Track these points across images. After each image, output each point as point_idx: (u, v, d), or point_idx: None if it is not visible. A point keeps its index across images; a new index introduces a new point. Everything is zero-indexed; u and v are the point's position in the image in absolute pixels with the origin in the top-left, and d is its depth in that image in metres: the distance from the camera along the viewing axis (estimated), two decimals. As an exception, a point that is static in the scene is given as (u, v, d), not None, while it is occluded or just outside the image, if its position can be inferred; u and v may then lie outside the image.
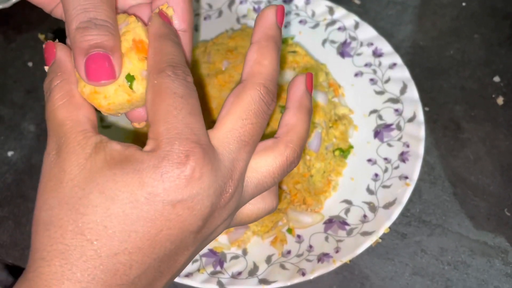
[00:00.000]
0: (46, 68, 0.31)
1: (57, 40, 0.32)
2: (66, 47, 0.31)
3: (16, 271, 0.54)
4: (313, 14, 0.63)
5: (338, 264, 0.48)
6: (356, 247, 0.49)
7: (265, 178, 0.31)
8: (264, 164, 0.31)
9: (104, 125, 0.57)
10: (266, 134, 0.50)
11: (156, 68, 0.29)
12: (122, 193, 0.26)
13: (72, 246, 0.26)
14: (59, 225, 0.27)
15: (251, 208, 0.33)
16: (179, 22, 0.32)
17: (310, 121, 0.33)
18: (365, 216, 0.51)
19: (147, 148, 0.28)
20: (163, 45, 0.30)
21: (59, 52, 0.31)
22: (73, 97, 0.29)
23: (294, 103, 0.33)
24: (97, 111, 0.31)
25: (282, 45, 0.58)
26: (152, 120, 0.28)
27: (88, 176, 0.27)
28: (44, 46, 0.31)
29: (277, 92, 0.31)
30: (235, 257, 0.50)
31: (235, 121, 0.29)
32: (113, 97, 0.30)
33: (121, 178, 0.26)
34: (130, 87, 0.30)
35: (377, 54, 0.60)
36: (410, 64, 0.61)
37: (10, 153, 0.59)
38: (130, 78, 0.30)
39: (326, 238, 0.50)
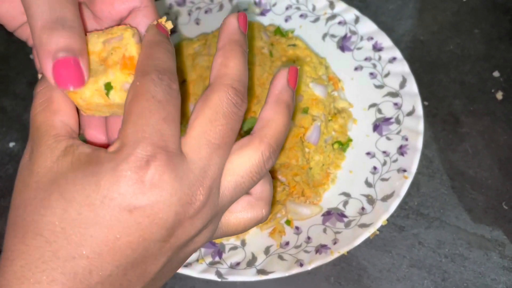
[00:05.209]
0: (39, 75, 0.31)
1: None
2: None
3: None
4: (314, 8, 0.63)
5: (336, 255, 0.48)
6: (354, 239, 0.49)
7: (242, 178, 0.30)
8: (240, 163, 0.30)
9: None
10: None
11: (142, 70, 0.28)
12: (79, 196, 0.26)
13: (32, 247, 0.26)
14: (21, 225, 0.26)
15: (239, 217, 0.32)
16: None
17: (290, 116, 0.32)
18: (363, 208, 0.51)
19: (111, 148, 0.27)
20: (155, 51, 0.29)
21: None
22: (52, 103, 0.29)
23: (272, 97, 0.32)
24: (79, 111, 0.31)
25: (282, 39, 0.58)
26: (124, 120, 0.27)
27: (52, 179, 0.27)
28: None
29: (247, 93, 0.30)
30: (234, 247, 0.50)
31: (204, 124, 0.28)
32: (89, 99, 0.29)
33: (80, 181, 0.26)
34: (107, 95, 0.29)
35: (377, 48, 0.60)
36: (410, 58, 0.61)
37: (11, 144, 0.59)
38: (108, 86, 0.29)
39: (324, 230, 0.50)
